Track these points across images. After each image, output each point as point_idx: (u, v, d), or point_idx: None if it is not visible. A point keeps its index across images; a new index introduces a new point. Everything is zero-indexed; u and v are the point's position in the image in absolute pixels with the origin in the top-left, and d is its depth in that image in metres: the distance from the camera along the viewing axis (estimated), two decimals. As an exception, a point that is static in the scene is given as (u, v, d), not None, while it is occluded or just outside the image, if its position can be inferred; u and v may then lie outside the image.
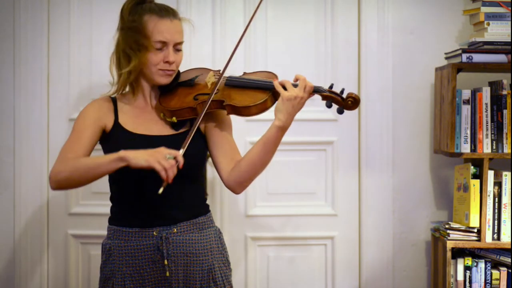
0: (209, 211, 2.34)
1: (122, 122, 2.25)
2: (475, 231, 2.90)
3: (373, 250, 3.18)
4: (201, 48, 3.13)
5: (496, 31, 2.90)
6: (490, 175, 2.89)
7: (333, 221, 3.21)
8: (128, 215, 2.24)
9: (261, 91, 2.20)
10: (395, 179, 3.19)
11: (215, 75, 2.31)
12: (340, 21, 3.19)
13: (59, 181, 2.15)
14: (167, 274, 2.20)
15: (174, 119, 2.23)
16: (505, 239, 2.89)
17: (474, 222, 2.89)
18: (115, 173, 2.23)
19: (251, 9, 3.16)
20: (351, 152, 3.20)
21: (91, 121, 2.24)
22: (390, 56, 3.17)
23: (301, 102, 2.13)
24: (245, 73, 2.34)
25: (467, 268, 2.89)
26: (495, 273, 2.90)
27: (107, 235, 2.30)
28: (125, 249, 2.23)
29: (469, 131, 2.90)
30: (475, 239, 2.90)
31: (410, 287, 3.21)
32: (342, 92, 2.19)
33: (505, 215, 2.90)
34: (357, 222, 3.21)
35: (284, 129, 2.15)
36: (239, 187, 2.24)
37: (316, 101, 2.24)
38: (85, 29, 3.13)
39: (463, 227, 2.91)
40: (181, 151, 2.08)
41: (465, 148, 2.90)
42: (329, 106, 2.20)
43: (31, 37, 3.10)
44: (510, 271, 2.89)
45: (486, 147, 2.90)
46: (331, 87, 2.20)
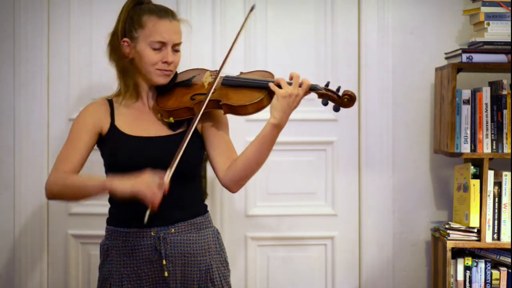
0: (207, 212, 2.34)
1: (118, 124, 2.25)
2: (475, 231, 2.89)
3: (373, 250, 3.18)
4: (201, 48, 3.13)
5: (496, 31, 2.90)
6: (490, 175, 2.89)
7: (333, 221, 3.21)
8: (125, 216, 2.24)
9: (258, 90, 2.20)
10: (395, 179, 3.19)
11: (212, 75, 2.31)
12: (340, 21, 3.18)
13: (52, 194, 2.21)
14: (166, 274, 2.20)
15: (171, 119, 2.23)
16: (505, 239, 2.89)
17: (474, 222, 2.89)
18: (112, 172, 2.23)
19: (251, 9, 3.17)
20: (351, 152, 3.20)
21: (87, 128, 2.24)
22: (390, 56, 3.17)
23: (296, 100, 2.13)
24: (242, 73, 2.34)
25: (467, 268, 2.89)
26: (495, 273, 2.90)
27: (105, 235, 2.30)
28: (123, 250, 2.23)
29: (469, 131, 2.90)
30: (475, 239, 2.90)
31: (410, 287, 3.21)
32: (338, 90, 2.19)
33: (505, 215, 2.90)
34: (357, 222, 3.21)
35: (279, 127, 2.14)
36: (235, 185, 2.24)
37: (315, 101, 2.24)
38: (85, 29, 3.13)
39: (463, 227, 2.91)
40: (167, 174, 2.07)
41: (465, 148, 2.90)
42: (325, 104, 2.20)
43: (31, 37, 3.10)
44: (510, 271, 2.89)
45: (486, 147, 2.90)
46: (327, 85, 2.20)
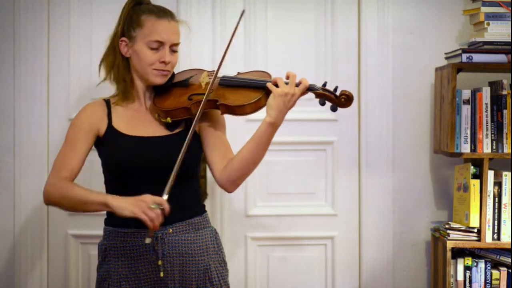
0: (205, 212, 2.34)
1: (115, 125, 2.25)
2: (475, 231, 2.89)
3: (373, 250, 3.18)
4: (201, 48, 3.12)
5: (496, 31, 2.90)
6: (490, 175, 2.89)
7: (333, 221, 3.21)
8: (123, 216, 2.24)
9: (255, 90, 2.20)
10: (395, 179, 3.19)
11: (209, 75, 2.30)
12: (340, 21, 3.18)
13: (50, 201, 2.23)
14: (161, 274, 2.20)
15: (168, 119, 2.23)
16: (505, 239, 2.89)
17: (474, 222, 2.89)
18: (110, 176, 2.23)
19: (251, 9, 3.16)
20: (351, 152, 3.20)
21: (84, 130, 2.24)
22: (390, 56, 3.17)
23: (293, 99, 2.13)
24: (239, 73, 2.34)
25: (467, 268, 2.89)
26: (495, 273, 2.90)
27: (103, 236, 2.30)
28: (121, 250, 2.23)
29: (469, 131, 2.90)
30: (475, 239, 2.90)
31: (410, 287, 3.21)
32: (335, 89, 2.19)
33: (505, 215, 2.90)
34: (357, 222, 3.21)
35: (274, 125, 2.14)
36: (231, 185, 2.23)
37: (315, 101, 2.23)
38: (85, 29, 3.13)
39: (463, 227, 2.91)
40: (165, 196, 2.07)
41: (465, 148, 2.90)
42: (322, 104, 2.20)
43: (31, 37, 3.10)
44: (510, 271, 2.89)
45: (486, 147, 2.90)
46: (324, 84, 2.20)
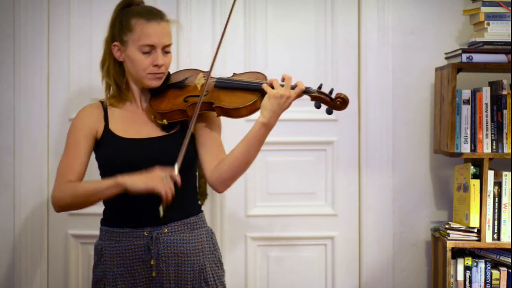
0: (201, 212, 2.34)
1: (112, 127, 2.25)
2: (475, 231, 2.89)
3: (373, 250, 3.18)
4: (201, 48, 3.12)
5: (496, 31, 2.90)
6: (490, 175, 2.89)
7: (333, 221, 3.21)
8: (119, 216, 2.24)
9: (250, 92, 2.20)
10: (395, 179, 3.19)
11: (204, 76, 2.30)
12: (340, 21, 3.18)
13: (61, 206, 2.22)
14: (153, 274, 2.20)
15: (164, 121, 2.23)
16: (505, 239, 2.89)
17: (474, 222, 2.89)
18: (107, 175, 2.23)
19: (251, 9, 3.16)
20: (351, 152, 3.20)
21: (84, 132, 2.24)
22: (390, 56, 3.17)
23: (288, 101, 2.14)
24: (234, 74, 2.33)
25: (467, 268, 2.89)
26: (495, 273, 2.90)
27: (99, 236, 2.31)
28: (116, 250, 2.23)
29: (469, 131, 2.90)
30: (475, 239, 2.90)
31: (410, 287, 3.21)
32: (331, 92, 2.18)
33: (505, 215, 2.90)
34: (357, 222, 3.21)
35: (268, 126, 2.14)
36: (221, 185, 2.23)
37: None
38: (85, 29, 3.13)
39: (463, 227, 2.91)
40: (176, 167, 2.07)
41: (465, 148, 2.90)
42: (318, 106, 2.19)
43: (31, 37, 3.10)
44: (510, 271, 2.89)
45: (486, 147, 2.90)
46: (320, 87, 2.20)
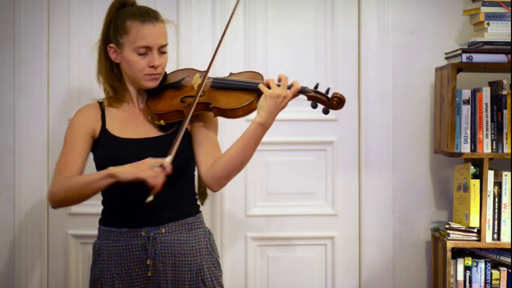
0: (199, 212, 2.34)
1: (109, 128, 2.25)
2: (475, 231, 2.89)
3: (373, 250, 3.18)
4: (201, 48, 3.12)
5: (496, 31, 2.90)
6: (490, 175, 2.89)
7: (333, 221, 3.21)
8: (117, 216, 2.25)
9: (247, 92, 2.20)
10: (395, 179, 3.18)
11: (201, 76, 2.29)
12: (340, 21, 3.18)
13: (57, 201, 2.22)
14: (149, 274, 2.20)
15: (162, 122, 2.23)
16: (505, 239, 2.89)
17: (474, 222, 2.89)
18: None
19: (251, 9, 3.16)
20: (351, 152, 3.20)
21: (82, 132, 2.25)
22: (390, 56, 3.17)
23: (284, 101, 2.13)
24: (231, 74, 2.33)
25: (467, 268, 2.89)
26: (495, 273, 2.90)
27: (97, 235, 2.31)
28: (114, 249, 2.23)
29: (469, 131, 2.90)
30: (475, 239, 2.89)
31: (410, 287, 3.21)
32: (327, 92, 2.18)
33: (505, 215, 2.89)
34: (357, 222, 3.21)
35: (264, 126, 2.14)
36: (216, 183, 2.22)
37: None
38: (85, 29, 3.13)
39: (463, 227, 2.91)
40: (169, 158, 2.07)
41: (465, 148, 2.90)
42: (314, 106, 2.19)
43: (31, 37, 3.09)
44: (510, 271, 2.89)
45: (486, 147, 2.90)
46: (316, 87, 2.19)
